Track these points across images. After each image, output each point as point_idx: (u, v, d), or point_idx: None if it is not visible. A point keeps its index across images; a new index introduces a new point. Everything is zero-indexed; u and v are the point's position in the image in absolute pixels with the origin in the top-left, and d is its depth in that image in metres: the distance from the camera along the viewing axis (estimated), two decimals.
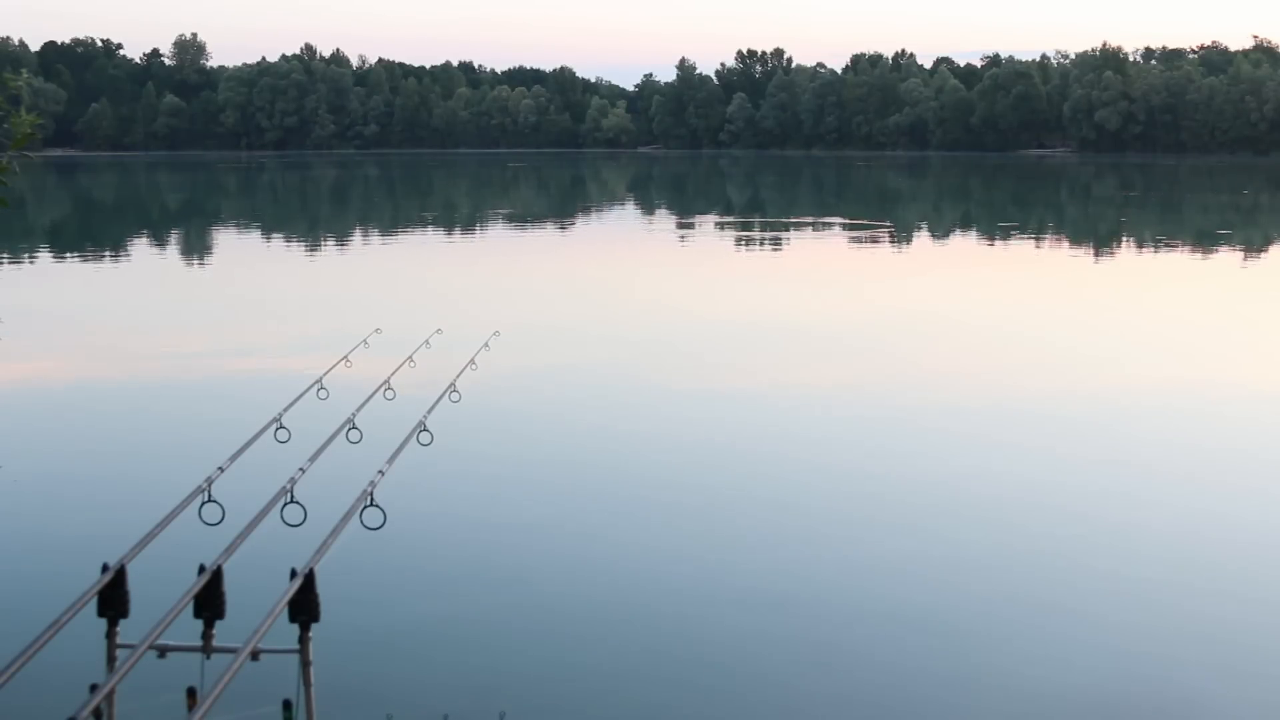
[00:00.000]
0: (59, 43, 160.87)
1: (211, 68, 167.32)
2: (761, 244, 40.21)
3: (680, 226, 48.68)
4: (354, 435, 5.30)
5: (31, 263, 33.48)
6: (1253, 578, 8.70)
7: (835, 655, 7.42)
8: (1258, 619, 7.95)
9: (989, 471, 11.47)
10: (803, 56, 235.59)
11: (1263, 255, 35.74)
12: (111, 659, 3.23)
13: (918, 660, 7.28)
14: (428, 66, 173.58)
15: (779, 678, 7.05)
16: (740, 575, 8.72)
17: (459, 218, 53.12)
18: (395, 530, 4.58)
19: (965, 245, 39.20)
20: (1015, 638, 7.66)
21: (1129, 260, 34.84)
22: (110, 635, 3.24)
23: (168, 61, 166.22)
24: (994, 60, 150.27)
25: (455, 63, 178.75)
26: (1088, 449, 12.17)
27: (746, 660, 7.27)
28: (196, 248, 39.28)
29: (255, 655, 2.92)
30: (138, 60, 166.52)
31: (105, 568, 3.20)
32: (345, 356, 7.05)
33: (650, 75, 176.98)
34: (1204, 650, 7.46)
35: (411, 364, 7.06)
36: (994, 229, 46.38)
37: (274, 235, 44.30)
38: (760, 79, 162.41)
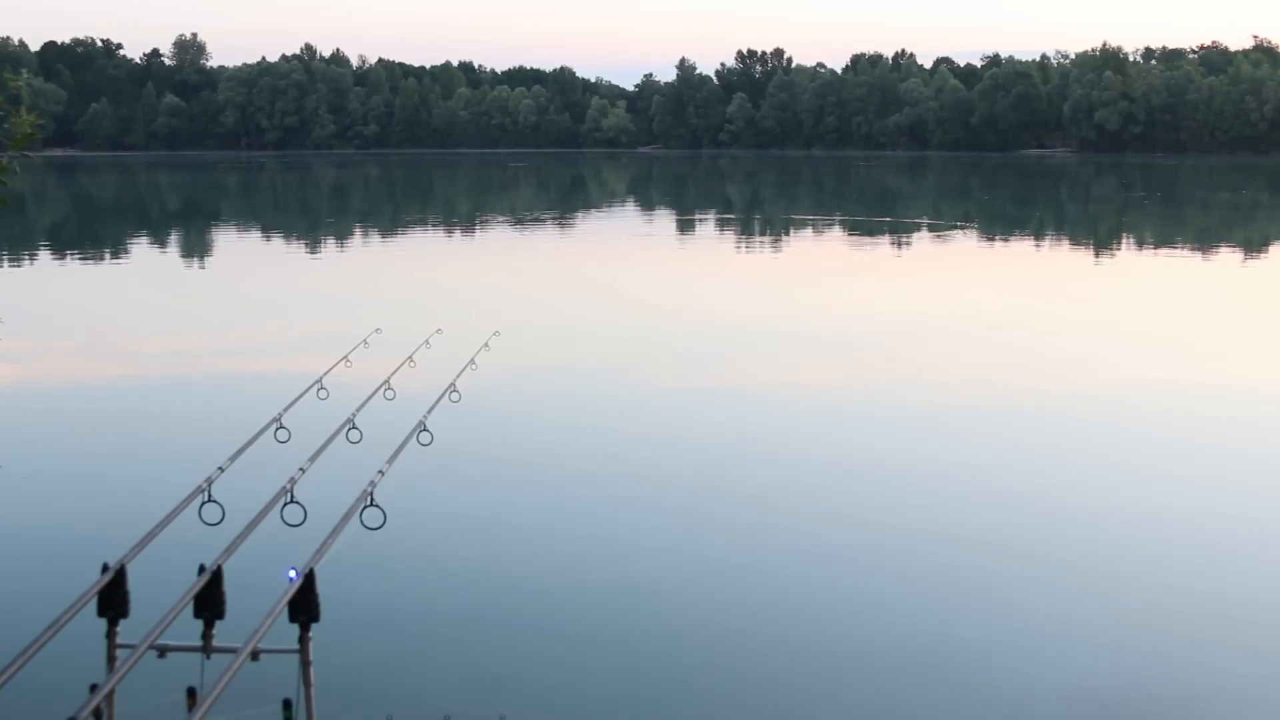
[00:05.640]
0: (59, 43, 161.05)
1: (211, 68, 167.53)
2: (762, 245, 40.23)
3: (682, 227, 48.68)
4: (354, 435, 5.31)
5: (31, 263, 33.47)
6: (1251, 578, 8.70)
7: (835, 655, 7.41)
8: (1255, 618, 7.94)
9: (988, 471, 11.47)
10: (803, 56, 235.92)
11: (1262, 255, 35.74)
12: (111, 659, 3.23)
13: (917, 660, 7.27)
14: (428, 66, 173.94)
15: (779, 678, 7.05)
16: (741, 575, 8.72)
17: (459, 218, 53.12)
18: (395, 530, 4.58)
19: (966, 245, 39.19)
20: (1012, 637, 7.65)
21: (1129, 260, 34.83)
22: (110, 635, 3.24)
23: (168, 61, 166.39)
24: (994, 60, 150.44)
25: (455, 63, 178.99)
26: (1087, 449, 12.17)
27: (747, 661, 7.26)
28: (196, 248, 39.27)
29: (255, 655, 2.93)
30: (138, 60, 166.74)
31: (105, 568, 3.20)
32: (345, 356, 7.06)
33: (650, 75, 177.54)
34: (1201, 649, 7.46)
35: (411, 364, 7.07)
36: (999, 230, 46.39)
37: (274, 235, 44.30)
38: (760, 79, 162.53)
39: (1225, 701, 6.83)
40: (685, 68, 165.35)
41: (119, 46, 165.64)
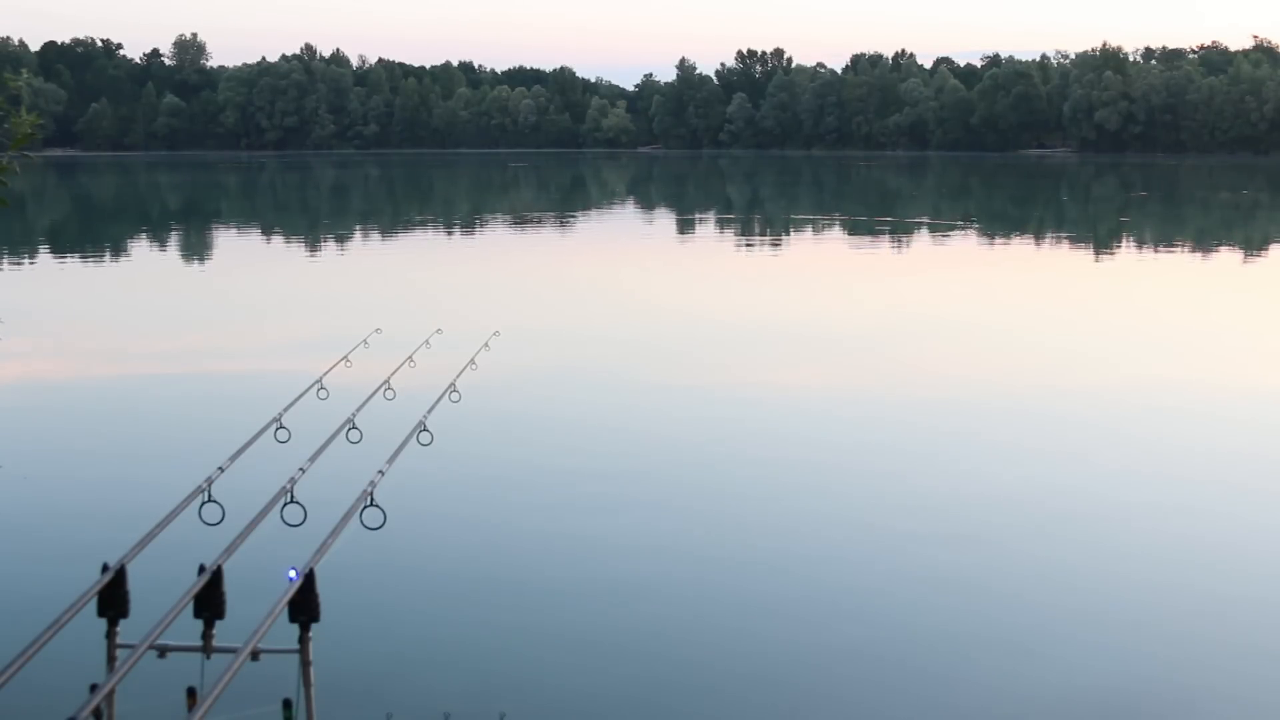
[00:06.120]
0: (59, 43, 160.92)
1: (211, 68, 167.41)
2: (762, 245, 40.22)
3: (682, 227, 48.66)
4: (354, 435, 5.31)
5: (31, 263, 33.47)
6: (1251, 577, 8.70)
7: (834, 656, 7.41)
8: (1255, 618, 7.94)
9: (987, 471, 11.47)
10: (803, 56, 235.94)
11: (1262, 255, 35.73)
12: (111, 659, 3.23)
13: (916, 661, 7.27)
14: (428, 66, 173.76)
15: (778, 678, 7.05)
16: (740, 576, 8.72)
17: (459, 218, 53.11)
18: (395, 530, 4.58)
19: (967, 245, 39.19)
20: (1012, 638, 7.65)
21: (1129, 260, 34.84)
22: (110, 635, 3.24)
23: (168, 61, 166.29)
24: (994, 60, 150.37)
25: (455, 63, 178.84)
26: (1087, 449, 12.17)
27: (746, 661, 7.27)
28: (196, 248, 39.27)
29: (255, 655, 2.92)
30: (138, 60, 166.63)
31: (105, 568, 3.20)
32: (345, 356, 7.05)
33: (650, 75, 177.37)
34: (1200, 649, 7.46)
35: (411, 364, 7.06)
36: (999, 230, 46.38)
37: (274, 235, 44.29)
38: (760, 79, 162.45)
39: (1226, 702, 6.83)
40: (685, 68, 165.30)
41: (119, 46, 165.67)
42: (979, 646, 7.51)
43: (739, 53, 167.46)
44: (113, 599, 3.20)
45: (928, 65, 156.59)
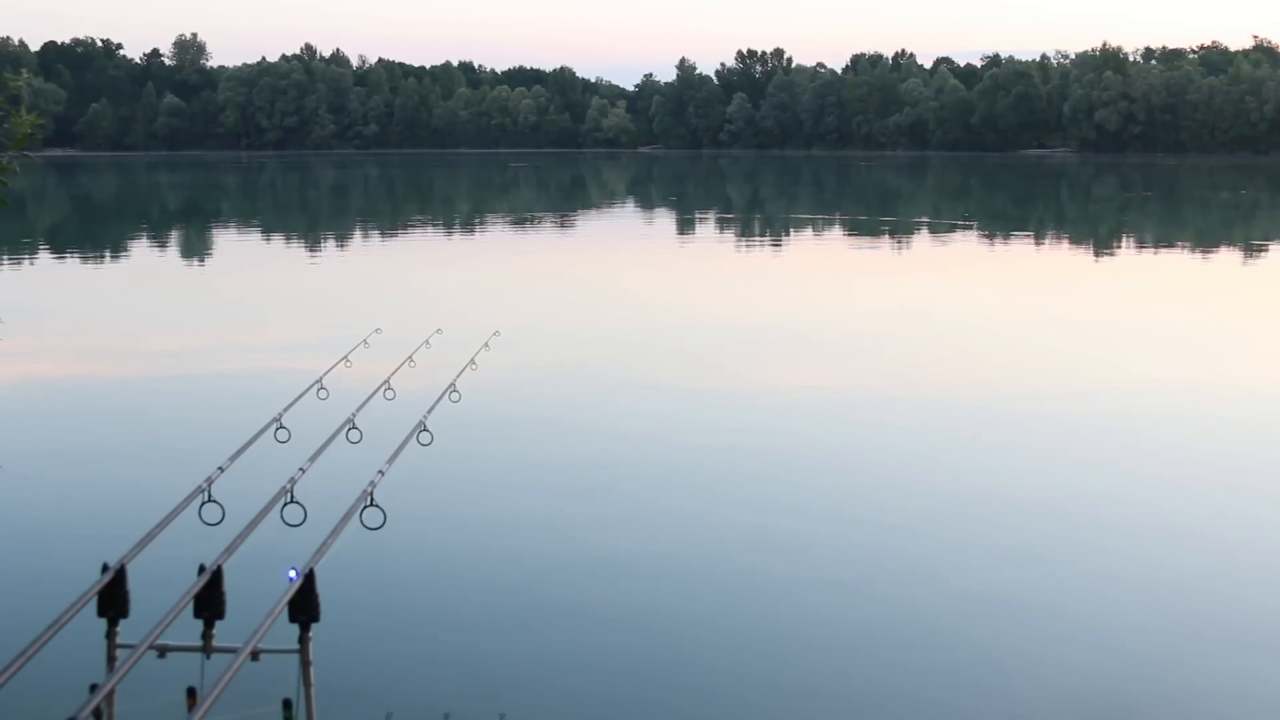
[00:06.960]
0: (59, 43, 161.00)
1: (211, 68, 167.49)
2: (762, 245, 40.23)
3: (682, 227, 48.66)
4: (354, 435, 5.31)
5: (31, 263, 33.46)
6: (1252, 579, 8.70)
7: (833, 655, 7.41)
8: (1255, 619, 7.94)
9: (987, 471, 11.47)
10: (803, 56, 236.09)
11: (1262, 255, 35.72)
12: (111, 659, 3.23)
13: (915, 660, 7.27)
14: (428, 66, 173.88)
15: (779, 678, 7.05)
16: (739, 575, 8.72)
17: (459, 218, 53.11)
18: (395, 530, 4.58)
19: (966, 245, 39.19)
20: (1012, 638, 7.65)
21: (1129, 260, 34.83)
22: (110, 635, 3.25)
23: (168, 61, 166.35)
24: (994, 60, 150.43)
25: (455, 63, 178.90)
26: (1087, 449, 12.16)
27: (746, 660, 7.26)
28: (196, 248, 39.27)
29: (255, 655, 2.93)
30: (138, 60, 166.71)
31: (105, 568, 3.21)
32: (345, 356, 7.06)
33: (650, 75, 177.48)
34: (1203, 651, 7.46)
35: (411, 364, 7.07)
36: (999, 230, 46.38)
37: (274, 235, 44.29)
38: (760, 79, 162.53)
39: (1227, 702, 6.82)
40: (685, 68, 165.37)
41: (119, 46, 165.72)
42: (978, 646, 7.50)
43: (739, 53, 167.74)
44: (113, 599, 3.20)
45: (928, 65, 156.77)
